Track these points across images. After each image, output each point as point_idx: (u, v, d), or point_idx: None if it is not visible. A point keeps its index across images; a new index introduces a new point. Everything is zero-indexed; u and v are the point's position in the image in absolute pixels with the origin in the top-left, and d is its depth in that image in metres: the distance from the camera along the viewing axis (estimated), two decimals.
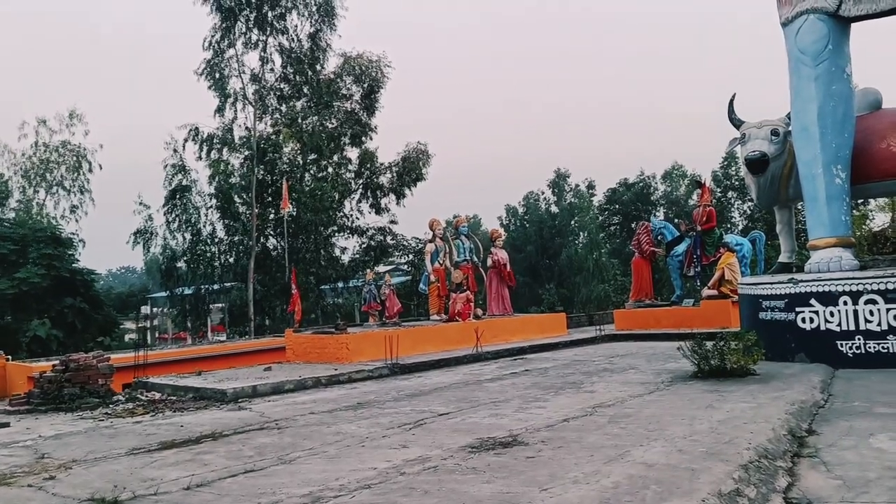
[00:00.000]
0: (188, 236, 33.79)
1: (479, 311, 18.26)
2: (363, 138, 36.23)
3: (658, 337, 16.68)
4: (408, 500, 4.46)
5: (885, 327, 9.63)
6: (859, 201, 17.42)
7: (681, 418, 6.71)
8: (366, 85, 35.49)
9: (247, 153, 33.64)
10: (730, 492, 4.29)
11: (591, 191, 54.21)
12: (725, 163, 47.55)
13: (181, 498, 4.88)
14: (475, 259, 19.07)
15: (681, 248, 19.71)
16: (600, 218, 54.65)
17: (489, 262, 19.43)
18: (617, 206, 54.60)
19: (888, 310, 9.62)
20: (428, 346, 15.23)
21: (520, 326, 18.19)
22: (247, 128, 34.14)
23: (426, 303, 19.67)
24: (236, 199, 33.98)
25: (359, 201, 37.05)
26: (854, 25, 11.08)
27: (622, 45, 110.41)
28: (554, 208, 54.07)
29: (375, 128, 36.39)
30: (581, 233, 52.25)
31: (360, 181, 36.96)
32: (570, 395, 8.73)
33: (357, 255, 37.47)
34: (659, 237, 20.58)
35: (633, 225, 43.73)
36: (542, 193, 55.23)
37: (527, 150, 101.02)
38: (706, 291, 18.16)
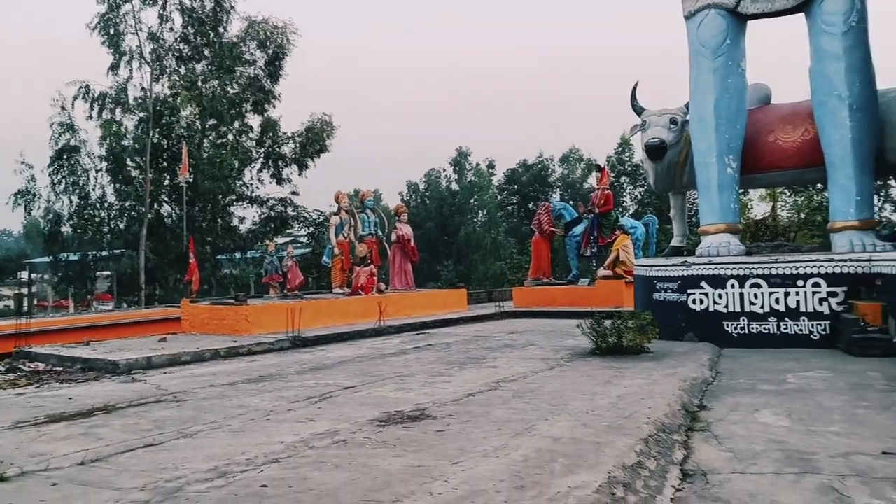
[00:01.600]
0: (75, 199, 31.89)
1: (383, 286, 18.22)
2: (266, 106, 35.18)
3: (555, 314, 17.17)
4: (318, 474, 4.41)
5: (767, 309, 10.29)
6: (742, 191, 18.46)
7: (582, 393, 6.94)
8: (270, 51, 34.41)
9: (142, 115, 31.96)
10: (633, 464, 4.48)
11: (491, 170, 54.92)
12: (620, 148, 49.19)
13: (76, 474, 4.64)
14: (380, 233, 18.99)
15: (579, 229, 20.32)
16: (499, 197, 55.49)
17: (393, 236, 19.40)
18: (515, 187, 55.57)
19: (770, 293, 10.28)
20: (330, 319, 15.07)
21: (422, 302, 18.28)
22: (143, 88, 32.46)
23: (328, 276, 19.45)
24: (129, 162, 32.28)
25: (259, 170, 36.08)
26: (750, 23, 11.64)
27: (529, 32, 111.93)
28: (455, 186, 54.46)
29: (279, 96, 35.43)
30: (480, 211, 52.91)
31: (262, 150, 35.95)
32: (474, 370, 8.85)
33: (256, 226, 36.52)
34: (558, 217, 21.14)
35: (530, 205, 44.78)
36: (444, 171, 55.51)
37: (431, 128, 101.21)
38: (601, 272, 18.82)
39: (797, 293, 10.13)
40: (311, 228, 39.71)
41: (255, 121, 35.75)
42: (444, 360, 9.93)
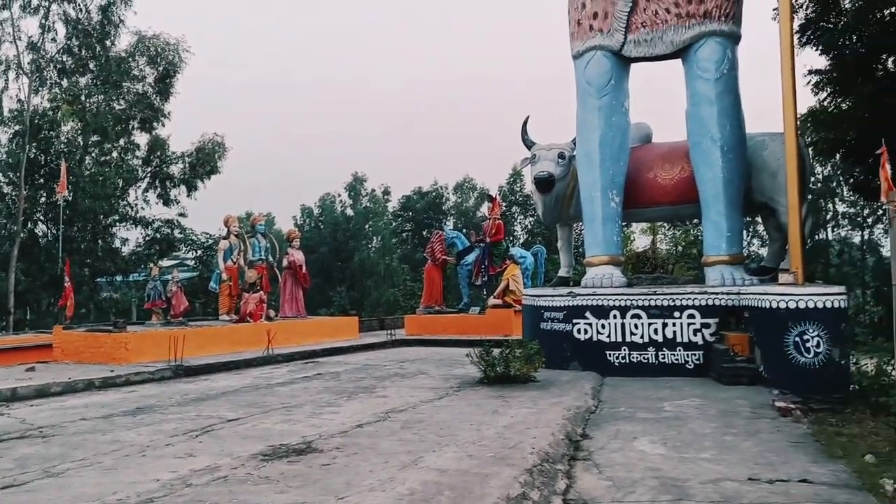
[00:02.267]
0: None
1: (272, 313, 17.79)
2: (154, 124, 33.81)
3: (446, 343, 17.27)
4: None
5: (646, 339, 10.74)
6: (624, 224, 19.29)
7: (470, 424, 6.99)
8: (161, 68, 33.16)
9: (17, 128, 30.05)
10: (517, 496, 4.54)
11: (386, 196, 55.01)
12: (512, 179, 50.41)
13: None
14: (270, 259, 18.57)
15: (471, 257, 20.64)
16: (394, 223, 55.62)
17: (285, 262, 19.01)
18: (410, 213, 55.87)
19: (650, 324, 10.75)
20: (216, 347, 14.55)
21: (313, 329, 17.97)
22: (19, 100, 30.53)
23: (215, 302, 18.78)
24: (1, 177, 30.23)
25: (145, 190, 34.51)
26: (634, 66, 12.25)
27: (419, 64, 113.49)
28: (349, 211, 54.15)
29: (169, 114, 34.12)
30: (375, 237, 52.82)
31: (149, 169, 34.47)
32: (363, 401, 8.76)
33: (140, 248, 34.87)
34: (451, 246, 21.38)
35: (424, 232, 45.09)
36: (339, 196, 55.14)
37: (325, 152, 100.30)
38: (492, 300, 19.14)
39: (674, 324, 10.65)
40: (199, 252, 38.31)
41: (142, 139, 34.30)
42: (333, 390, 9.78)
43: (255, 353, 14.22)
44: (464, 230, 23.62)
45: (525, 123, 13.70)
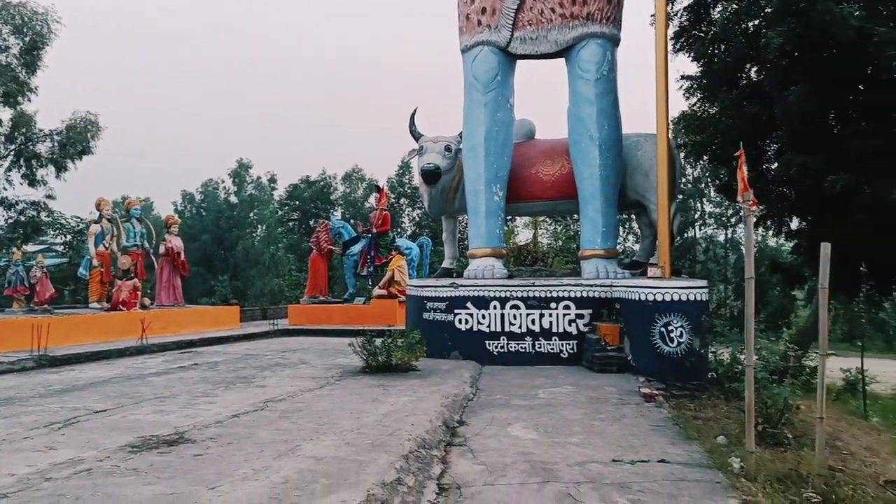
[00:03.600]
0: None
1: (147, 301, 17.04)
2: (20, 98, 31.45)
3: (330, 333, 17.13)
4: None
5: (524, 329, 11.07)
6: (509, 217, 19.78)
7: (349, 412, 6.99)
8: (27, 38, 30.87)
9: None
10: (392, 481, 4.59)
11: (272, 184, 53.85)
12: (400, 171, 50.52)
13: None
14: (146, 245, 17.75)
15: (357, 248, 20.53)
16: (280, 212, 54.52)
17: (162, 249, 18.23)
18: (297, 203, 54.94)
19: (528, 314, 11.08)
20: (86, 336, 13.79)
21: (191, 318, 17.35)
22: None
23: (86, 289, 17.78)
24: None
25: (8, 170, 32.05)
26: (520, 63, 12.54)
27: (311, 52, 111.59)
28: (234, 199, 52.59)
29: (36, 89, 31.80)
30: (260, 226, 51.59)
31: (13, 147, 32.06)
32: (241, 390, 8.57)
33: (2, 231, 32.44)
34: (337, 236, 21.19)
35: (311, 222, 44.42)
36: (223, 182, 53.46)
37: (208, 136, 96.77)
38: (377, 291, 19.13)
39: (551, 315, 11.02)
40: (69, 237, 36.11)
41: (5, 114, 31.85)
42: (210, 380, 9.50)
43: (129, 342, 13.60)
44: (352, 220, 23.44)
45: (413, 115, 13.75)
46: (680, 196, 39.66)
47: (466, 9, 12.49)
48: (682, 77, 15.80)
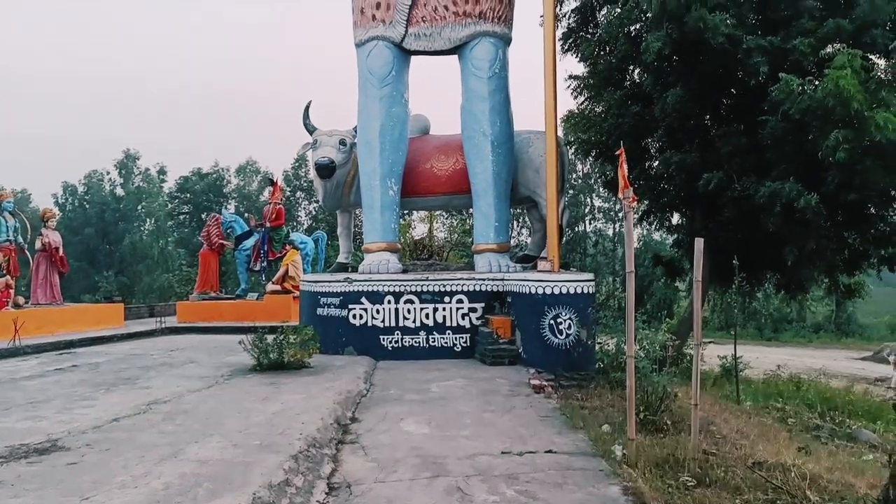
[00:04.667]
0: None
1: (21, 300, 16.03)
2: None
3: (221, 330, 16.66)
4: None
5: (418, 324, 11.15)
6: (406, 212, 19.83)
7: (238, 412, 6.85)
8: None
9: None
10: (280, 482, 4.55)
11: (162, 176, 51.79)
12: (297, 164, 49.65)
13: None
14: (20, 240, 16.67)
15: (249, 242, 20.06)
16: (170, 205, 52.49)
17: (38, 244, 17.17)
18: (188, 195, 53.00)
19: (421, 309, 11.17)
20: None
21: (71, 317, 16.45)
22: None
23: None
24: None
25: None
26: (414, 58, 12.59)
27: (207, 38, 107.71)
28: (120, 191, 50.22)
29: None
30: (148, 219, 49.53)
31: None
32: (123, 393, 8.23)
33: None
34: (229, 230, 20.63)
35: (203, 215, 42.98)
36: (108, 174, 50.95)
37: (91, 125, 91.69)
38: (270, 286, 18.77)
39: (444, 309, 11.16)
40: None
41: None
42: (89, 383, 9.07)
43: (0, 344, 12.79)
44: (245, 214, 22.83)
45: (307, 108, 13.55)
46: (570, 191, 40.93)
47: (361, 3, 12.42)
48: (570, 77, 16.33)
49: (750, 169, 12.80)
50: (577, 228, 45.41)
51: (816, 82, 11.35)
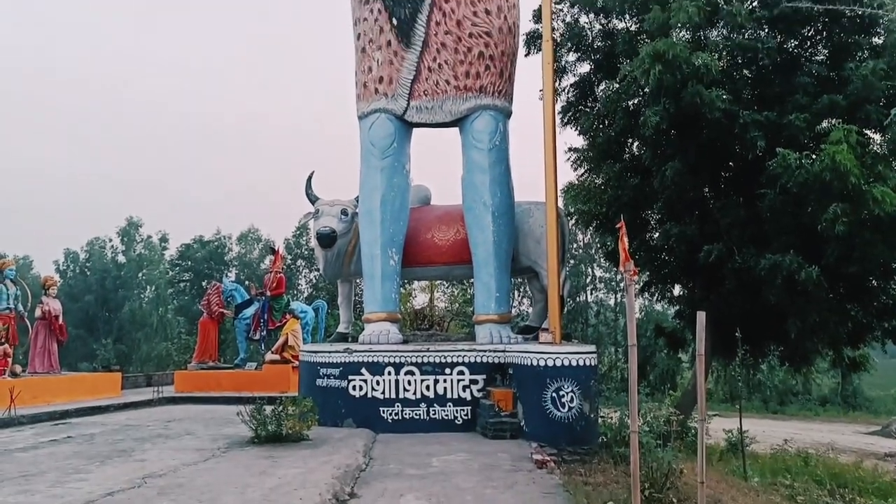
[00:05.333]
0: None
1: (18, 368, 15.87)
2: None
3: (219, 400, 16.44)
4: None
5: (418, 396, 11.00)
6: (406, 281, 19.84)
7: (234, 487, 6.69)
8: None
9: None
10: None
11: (164, 244, 52.08)
12: (298, 232, 49.94)
13: None
14: (21, 308, 16.62)
15: (249, 311, 20.00)
16: (171, 273, 52.61)
17: (38, 312, 17.11)
18: (189, 263, 53.13)
19: (422, 380, 11.03)
20: None
21: (67, 386, 16.24)
22: None
23: None
24: None
25: None
26: (416, 130, 12.81)
27: (216, 106, 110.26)
28: (121, 258, 50.42)
29: None
30: (148, 287, 49.55)
31: None
32: (118, 465, 8.06)
33: None
34: (229, 299, 20.59)
35: (204, 283, 43.01)
36: (110, 241, 51.31)
37: (96, 193, 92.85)
38: (269, 356, 18.60)
39: (445, 380, 11.03)
40: None
41: None
42: (84, 455, 8.89)
43: None
44: (246, 282, 22.84)
45: (310, 179, 13.73)
46: (571, 261, 41.05)
47: (364, 77, 12.72)
48: (570, 149, 16.57)
49: (750, 241, 12.85)
50: (578, 298, 45.32)
51: (814, 156, 11.50)
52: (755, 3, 13.94)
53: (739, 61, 13.88)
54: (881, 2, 13.28)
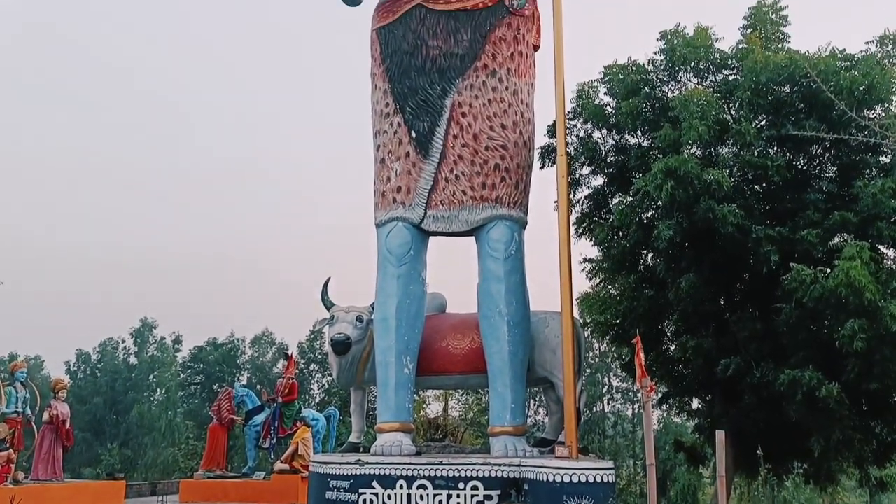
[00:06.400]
0: None
1: (21, 475, 15.61)
2: None
3: None
4: None
5: None
6: (419, 390, 19.64)
7: None
8: None
9: None
10: None
11: (177, 345, 52.12)
12: (312, 336, 49.94)
13: None
14: (28, 412, 16.52)
15: (260, 417, 19.77)
16: (182, 375, 52.39)
17: (46, 416, 16.99)
18: (202, 365, 52.96)
19: (435, 495, 10.70)
20: None
21: (69, 495, 15.92)
22: None
23: None
24: None
25: None
26: (432, 238, 13.02)
27: (231, 202, 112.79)
28: (133, 359, 50.41)
29: None
30: (159, 389, 49.24)
31: None
32: None
33: None
34: (240, 404, 20.41)
35: (215, 386, 42.69)
36: (123, 342, 51.48)
37: (111, 291, 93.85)
38: (278, 465, 18.22)
39: (459, 496, 10.68)
40: None
41: None
42: None
43: None
44: (258, 386, 22.74)
45: (326, 284, 13.87)
46: (587, 370, 40.54)
47: (383, 186, 13.06)
48: (585, 260, 16.75)
49: (768, 354, 12.72)
50: (594, 409, 44.47)
51: (828, 271, 11.56)
52: (763, 123, 14.38)
53: (750, 177, 14.20)
54: (888, 123, 13.66)
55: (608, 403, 46.83)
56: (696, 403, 16.54)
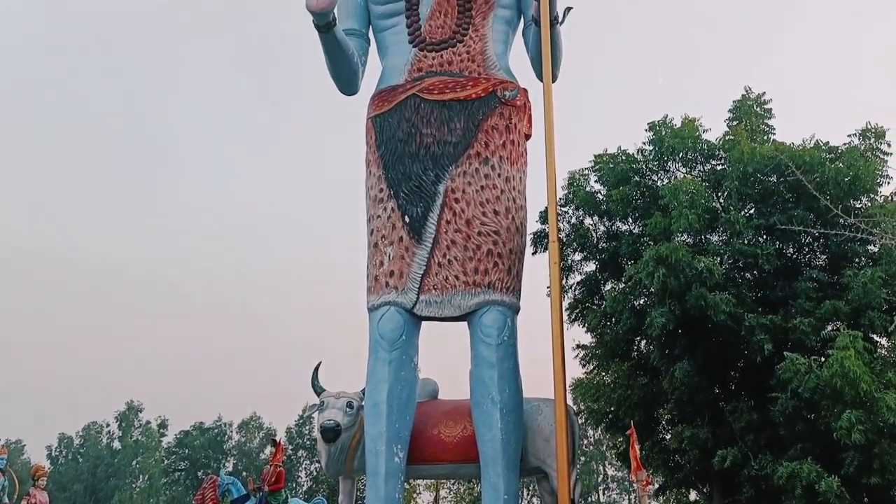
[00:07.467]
0: None
1: None
2: None
3: None
4: None
5: None
6: (410, 479, 19.13)
7: None
8: None
9: None
10: None
11: (162, 430, 50.94)
12: (300, 421, 48.97)
13: None
14: (6, 501, 15.95)
15: None
16: (166, 461, 50.99)
17: None
18: (187, 451, 51.63)
19: None
20: None
21: None
22: None
23: None
24: None
25: None
26: (424, 324, 12.95)
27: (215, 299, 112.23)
28: (117, 444, 49.18)
29: None
30: (142, 475, 47.88)
31: None
32: None
33: None
34: (225, 493, 19.78)
35: (199, 473, 41.56)
36: (107, 426, 50.34)
37: (95, 373, 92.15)
38: None
39: None
40: None
41: None
42: None
43: None
44: (244, 474, 22.09)
45: (316, 369, 13.64)
46: (582, 459, 39.67)
47: (375, 270, 12.99)
48: (578, 346, 16.66)
49: (765, 445, 12.51)
50: (589, 499, 43.26)
51: (823, 359, 11.50)
52: (752, 212, 14.62)
53: (740, 265, 14.33)
54: (873, 213, 13.88)
55: (604, 493, 45.62)
56: (693, 495, 16.14)
